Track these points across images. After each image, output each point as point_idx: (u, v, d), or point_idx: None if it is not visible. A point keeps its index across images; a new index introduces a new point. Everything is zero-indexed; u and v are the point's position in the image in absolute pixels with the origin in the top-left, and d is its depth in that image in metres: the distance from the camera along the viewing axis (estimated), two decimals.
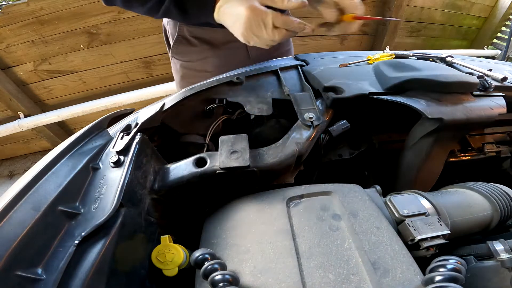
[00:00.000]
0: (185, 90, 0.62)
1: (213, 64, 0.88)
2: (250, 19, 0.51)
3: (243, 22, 0.52)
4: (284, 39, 0.55)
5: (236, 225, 0.43)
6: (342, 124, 0.59)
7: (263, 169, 0.48)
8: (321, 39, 2.23)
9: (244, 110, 0.60)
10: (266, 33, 0.53)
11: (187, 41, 0.85)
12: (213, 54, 0.87)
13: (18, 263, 0.30)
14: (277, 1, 0.53)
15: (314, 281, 0.34)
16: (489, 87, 0.65)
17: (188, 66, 0.91)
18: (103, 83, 2.09)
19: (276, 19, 0.52)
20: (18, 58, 1.84)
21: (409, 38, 2.44)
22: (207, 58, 0.88)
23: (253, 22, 0.52)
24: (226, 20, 0.57)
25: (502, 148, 0.78)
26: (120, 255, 0.36)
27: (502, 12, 2.49)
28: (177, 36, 0.85)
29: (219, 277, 0.32)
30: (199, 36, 0.84)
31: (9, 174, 2.37)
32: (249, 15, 0.51)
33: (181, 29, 0.83)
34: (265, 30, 0.52)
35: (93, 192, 0.40)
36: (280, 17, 0.52)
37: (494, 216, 0.49)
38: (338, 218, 0.42)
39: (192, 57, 0.89)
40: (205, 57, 0.88)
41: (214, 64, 0.88)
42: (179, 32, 0.84)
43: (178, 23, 0.82)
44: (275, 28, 0.53)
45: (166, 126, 0.59)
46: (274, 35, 0.53)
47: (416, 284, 0.33)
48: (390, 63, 0.70)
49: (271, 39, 0.54)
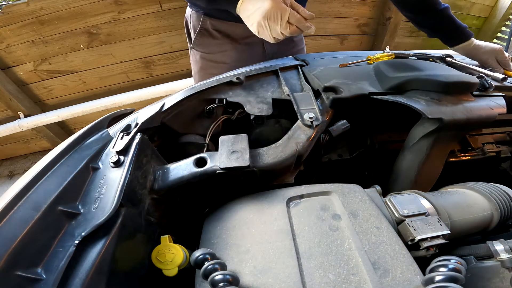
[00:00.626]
0: (185, 90, 0.62)
1: (231, 57, 0.96)
2: (271, 9, 0.58)
3: (264, 10, 0.59)
4: (292, 35, 0.62)
5: (236, 225, 0.43)
6: (342, 124, 0.59)
7: (263, 169, 0.48)
8: (321, 39, 2.23)
9: (244, 110, 0.60)
10: (280, 26, 0.60)
11: (209, 34, 0.92)
12: (232, 48, 0.95)
13: (18, 263, 0.30)
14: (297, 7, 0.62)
15: (314, 281, 0.34)
16: (489, 87, 0.65)
17: (208, 58, 0.98)
18: (103, 83, 2.09)
19: (292, 16, 0.59)
20: (18, 58, 1.84)
21: (409, 38, 2.44)
22: (227, 51, 0.95)
23: (273, 13, 0.59)
24: (247, 10, 0.63)
25: (502, 148, 0.79)
26: (120, 255, 0.36)
27: (502, 12, 2.49)
28: (200, 29, 0.91)
29: (219, 277, 0.32)
30: (220, 29, 0.91)
31: (9, 174, 2.37)
32: (272, 6, 0.58)
33: (205, 22, 0.90)
34: (280, 22, 0.59)
35: (93, 192, 0.40)
36: (295, 15, 0.59)
37: (494, 216, 0.49)
38: (338, 218, 0.42)
39: (213, 49, 0.95)
40: (224, 50, 0.95)
41: (232, 57, 0.96)
42: (202, 25, 0.90)
43: (202, 16, 0.89)
44: (288, 23, 0.60)
45: (166, 126, 0.59)
46: (286, 29, 0.60)
47: (416, 284, 0.33)
48: (390, 63, 0.70)
49: (282, 31, 0.61)
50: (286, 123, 0.64)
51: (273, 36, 0.63)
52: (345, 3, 2.06)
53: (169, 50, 2.00)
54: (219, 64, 0.96)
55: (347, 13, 2.11)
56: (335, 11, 2.08)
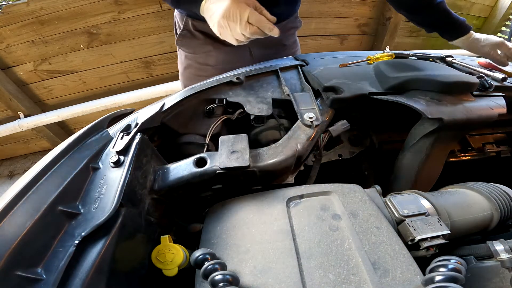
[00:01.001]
0: (185, 90, 0.62)
1: (215, 58, 0.93)
2: (230, 8, 0.57)
3: (223, 9, 0.57)
4: (254, 36, 0.60)
5: (236, 225, 0.43)
6: (342, 124, 0.58)
7: (263, 169, 0.48)
8: (321, 39, 2.23)
9: (244, 110, 0.60)
10: (239, 26, 0.58)
11: (191, 34, 0.90)
12: (215, 49, 0.91)
13: (18, 263, 0.30)
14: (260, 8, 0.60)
15: (314, 281, 0.34)
16: (489, 87, 0.65)
17: (192, 58, 0.95)
18: (103, 83, 2.09)
19: (251, 16, 0.57)
20: (18, 58, 1.84)
21: (409, 38, 2.44)
22: (210, 52, 0.92)
23: (232, 12, 0.57)
24: (209, 10, 0.61)
25: (502, 148, 0.79)
26: (120, 255, 0.36)
27: (502, 12, 2.49)
28: (182, 29, 0.89)
29: (219, 277, 0.32)
30: (202, 30, 0.88)
31: (9, 174, 2.37)
32: (230, 5, 0.57)
33: (187, 22, 0.87)
34: (239, 22, 0.57)
35: (93, 192, 0.40)
36: (255, 15, 0.57)
37: (494, 216, 0.49)
38: (338, 218, 0.42)
39: (196, 50, 0.93)
40: (208, 51, 0.92)
41: (216, 58, 0.93)
42: (184, 25, 0.88)
43: (184, 17, 0.87)
44: (248, 23, 0.58)
45: (166, 126, 0.59)
46: (246, 29, 0.58)
47: (416, 284, 0.33)
48: (390, 63, 0.70)
49: (242, 31, 0.58)
50: (286, 123, 0.64)
51: (235, 37, 0.60)
52: (345, 3, 2.05)
53: (169, 50, 2.00)
54: (203, 65, 0.94)
55: (347, 13, 2.11)
56: (335, 11, 2.08)
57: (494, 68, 0.81)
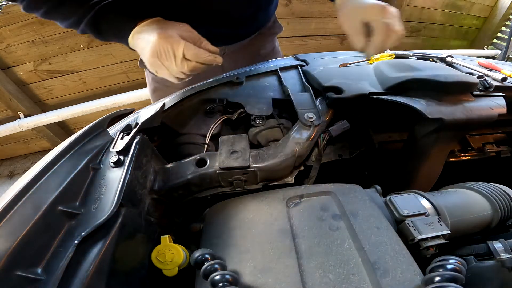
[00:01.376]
0: (185, 90, 0.62)
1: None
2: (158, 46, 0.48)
3: (151, 47, 0.49)
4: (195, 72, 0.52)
5: (236, 225, 0.43)
6: (342, 124, 0.58)
7: (263, 169, 0.48)
8: (321, 39, 2.23)
9: (244, 110, 0.60)
10: (175, 64, 0.50)
11: None
12: None
13: (18, 263, 0.29)
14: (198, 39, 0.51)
15: (314, 281, 0.34)
16: (489, 87, 0.65)
17: (159, 80, 0.87)
18: (103, 83, 2.09)
19: (187, 50, 0.49)
20: (18, 58, 1.84)
21: (409, 38, 2.44)
22: None
23: (162, 49, 0.48)
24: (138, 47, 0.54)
25: (502, 148, 0.78)
26: (120, 255, 0.36)
27: (502, 12, 2.49)
28: None
29: (219, 277, 0.32)
30: None
31: (9, 174, 2.37)
32: (159, 41, 0.48)
33: None
34: (174, 60, 0.49)
35: (93, 192, 0.40)
36: (192, 49, 0.49)
37: (494, 216, 0.49)
38: (338, 218, 0.42)
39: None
40: None
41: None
42: None
43: None
44: (185, 59, 0.49)
45: (166, 126, 0.59)
46: (183, 67, 0.50)
47: (416, 284, 0.33)
48: (390, 63, 0.69)
49: (180, 70, 0.50)
50: (286, 123, 0.64)
51: (174, 76, 0.52)
52: None
53: None
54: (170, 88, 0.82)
55: None
56: (335, 11, 2.08)
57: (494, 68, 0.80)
